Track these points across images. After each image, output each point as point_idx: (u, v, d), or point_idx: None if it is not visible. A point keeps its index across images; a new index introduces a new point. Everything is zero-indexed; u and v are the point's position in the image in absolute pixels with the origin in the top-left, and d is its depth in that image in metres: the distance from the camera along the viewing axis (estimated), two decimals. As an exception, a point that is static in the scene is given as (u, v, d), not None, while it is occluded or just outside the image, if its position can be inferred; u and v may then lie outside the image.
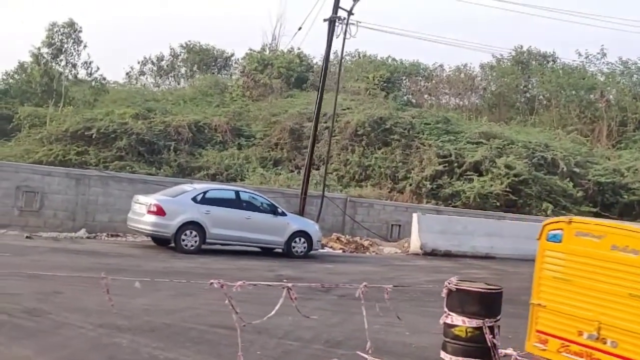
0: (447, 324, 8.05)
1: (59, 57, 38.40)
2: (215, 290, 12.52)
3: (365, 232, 23.94)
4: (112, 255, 15.66)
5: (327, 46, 23.57)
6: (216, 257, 17.14)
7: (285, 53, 47.07)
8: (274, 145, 33.26)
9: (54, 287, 11.26)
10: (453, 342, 7.93)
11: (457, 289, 8.28)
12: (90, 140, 30.71)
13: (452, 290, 8.36)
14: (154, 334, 8.99)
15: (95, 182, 21.07)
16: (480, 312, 7.83)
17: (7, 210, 19.99)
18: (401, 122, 32.68)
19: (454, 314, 8.01)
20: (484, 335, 7.70)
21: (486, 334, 7.72)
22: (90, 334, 8.74)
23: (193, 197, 17.30)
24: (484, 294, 8.06)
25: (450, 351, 7.99)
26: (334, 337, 9.80)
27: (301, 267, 16.72)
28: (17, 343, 7.98)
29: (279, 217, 18.19)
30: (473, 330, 7.80)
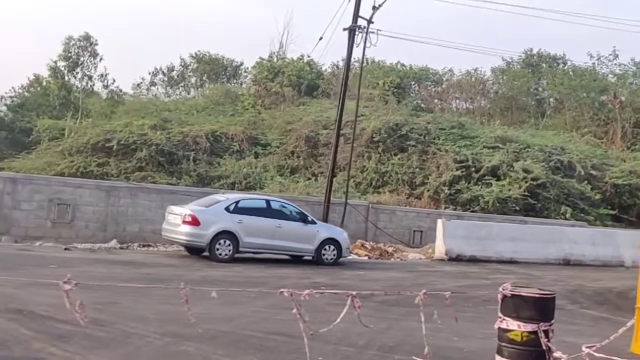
0: (502, 329, 8.34)
1: (76, 70, 38.83)
2: (260, 298, 13.02)
3: (388, 238, 24.25)
4: (152, 266, 16.00)
5: (348, 55, 24.00)
6: (249, 265, 17.47)
7: (295, 61, 47.50)
8: (290, 153, 33.64)
9: (108, 297, 11.59)
10: (509, 346, 8.21)
11: (512, 295, 8.56)
12: (110, 152, 31.15)
13: (507, 295, 8.64)
14: (216, 342, 9.31)
15: (125, 193, 21.45)
16: (535, 316, 8.11)
17: (41, 223, 20.37)
18: (416, 128, 33.06)
19: (508, 319, 8.31)
20: (539, 339, 8.01)
21: (541, 338, 8.03)
22: (157, 342, 9.06)
23: (226, 206, 17.65)
24: (539, 299, 8.34)
25: (506, 355, 8.27)
26: (385, 342, 10.10)
27: (333, 274, 17.03)
28: (93, 353, 8.30)
29: (309, 225, 18.54)
30: (528, 335, 8.09)
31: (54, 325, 9.47)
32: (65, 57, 38.55)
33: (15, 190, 20.19)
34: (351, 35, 23.17)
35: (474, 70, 47.15)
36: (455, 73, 49.99)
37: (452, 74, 49.58)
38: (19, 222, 20.15)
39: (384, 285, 15.74)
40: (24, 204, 20.25)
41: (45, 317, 9.91)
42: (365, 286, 15.33)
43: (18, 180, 20.59)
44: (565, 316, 13.04)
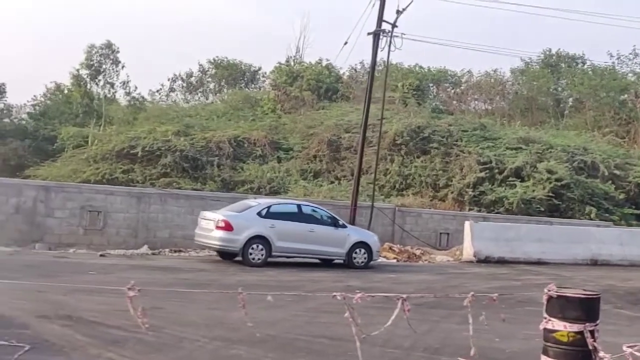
0: (548, 329, 8.44)
1: (98, 78, 39.24)
2: (298, 302, 13.16)
3: (415, 241, 24.35)
4: (187, 271, 16.21)
5: (373, 59, 24.20)
6: (282, 269, 17.64)
7: (313, 65, 47.67)
8: (313, 157, 33.78)
9: (151, 302, 11.76)
10: (555, 347, 8.31)
11: (558, 296, 8.66)
12: (134, 158, 31.46)
13: (552, 296, 8.74)
14: (265, 345, 9.48)
15: (155, 199, 21.70)
16: (581, 317, 8.21)
17: (73, 230, 20.66)
18: (438, 130, 33.14)
19: (554, 320, 8.41)
20: (584, 340, 8.11)
21: (587, 338, 8.14)
22: (208, 346, 9.25)
23: (258, 211, 17.85)
24: (584, 300, 8.45)
25: (552, 355, 8.37)
26: (430, 344, 10.23)
27: (366, 277, 17.18)
28: (148, 357, 8.50)
29: (339, 229, 18.70)
30: (575, 335, 8.20)
31: (105, 331, 9.69)
32: (87, 65, 38.93)
33: (48, 198, 20.50)
34: (375, 40, 23.33)
35: (493, 71, 47.19)
36: (474, 74, 50.09)
37: (471, 75, 49.64)
38: (52, 229, 20.45)
39: (416, 287, 15.86)
40: (57, 211, 20.55)
41: (96, 322, 10.13)
42: (399, 289, 15.42)
43: (51, 188, 20.90)
44: (601, 316, 13.12)
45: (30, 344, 8.53)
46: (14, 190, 20.34)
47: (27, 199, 20.31)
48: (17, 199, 20.22)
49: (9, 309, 10.45)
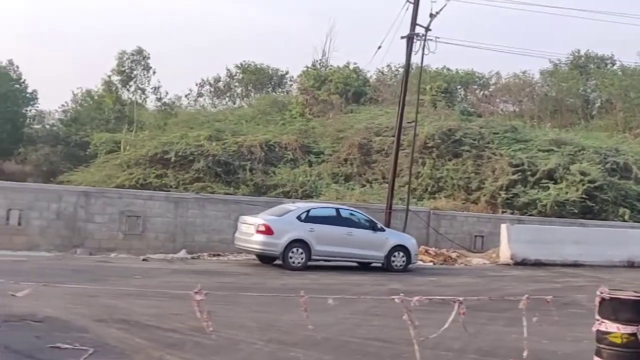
0: (601, 332, 8.48)
1: (129, 84, 39.68)
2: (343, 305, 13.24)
3: (449, 243, 24.35)
4: (230, 275, 16.39)
5: (407, 62, 24.25)
6: (322, 273, 17.74)
7: (341, 68, 47.75)
8: (344, 161, 33.90)
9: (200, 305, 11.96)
10: (608, 349, 8.35)
11: (611, 298, 8.69)
12: (167, 163, 31.77)
13: (605, 298, 8.77)
14: (320, 348, 9.60)
15: (193, 204, 21.93)
16: (634, 318, 8.25)
17: (113, 235, 20.95)
18: (470, 133, 33.09)
19: (607, 321, 8.44)
20: (638, 341, 8.14)
21: (641, 340, 8.19)
22: (265, 349, 9.39)
23: (298, 215, 17.99)
24: (637, 302, 8.48)
25: (605, 357, 8.41)
26: (480, 346, 10.28)
27: (406, 280, 17.25)
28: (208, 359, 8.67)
29: (378, 233, 18.78)
30: (628, 337, 8.24)
31: (162, 334, 9.86)
32: (119, 72, 39.40)
33: (88, 203, 20.81)
34: (409, 43, 23.39)
35: (522, 73, 47.01)
36: (502, 76, 49.92)
37: (500, 77, 49.48)
38: (92, 234, 20.76)
39: (458, 290, 15.87)
40: (97, 216, 20.86)
41: (151, 326, 10.30)
42: (441, 292, 15.51)
43: (91, 193, 21.23)
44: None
45: (92, 347, 8.73)
46: (54, 196, 20.68)
47: (67, 204, 20.64)
48: (57, 204, 20.55)
49: (66, 313, 10.66)
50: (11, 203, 20.14)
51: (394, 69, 54.80)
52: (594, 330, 8.44)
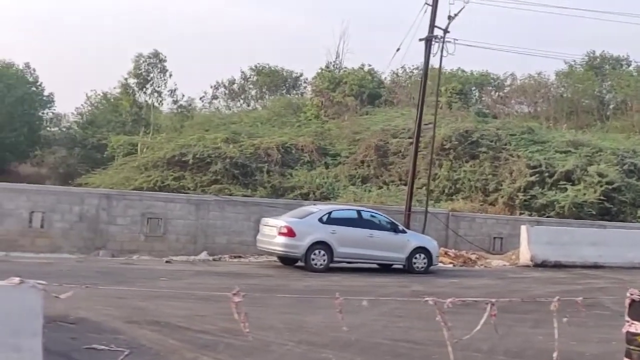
0: (631, 333, 8.52)
1: (146, 87, 39.91)
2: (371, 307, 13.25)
3: (468, 245, 24.36)
4: (253, 276, 16.49)
5: (425, 65, 24.28)
6: (344, 274, 17.82)
7: (355, 70, 47.81)
8: (360, 163, 33.97)
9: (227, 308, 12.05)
10: (639, 350, 8.40)
11: (642, 299, 8.73)
12: (184, 166, 31.96)
13: (635, 300, 8.81)
14: (351, 349, 9.68)
15: (213, 206, 22.07)
16: (664, 320, 8.29)
17: (135, 237, 21.12)
18: (487, 134, 33.11)
19: (637, 323, 8.49)
20: (668, 342, 8.19)
21: (672, 341, 8.22)
22: (296, 350, 9.48)
23: (319, 217, 18.09)
24: (667, 303, 8.52)
25: (636, 358, 8.44)
26: (509, 348, 10.33)
27: (429, 282, 17.29)
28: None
29: (399, 234, 18.84)
30: (658, 338, 8.30)
31: (194, 335, 9.97)
32: (135, 75, 39.64)
33: (110, 205, 20.99)
34: (428, 46, 23.44)
35: (537, 74, 46.96)
36: (517, 77, 49.85)
37: (515, 78, 49.42)
38: (114, 236, 20.94)
39: (480, 292, 15.90)
40: (119, 219, 21.04)
41: (182, 327, 10.42)
42: (464, 293, 15.53)
43: (113, 196, 21.40)
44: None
45: (127, 348, 8.85)
46: (77, 199, 20.87)
47: (89, 207, 20.83)
48: (80, 207, 20.74)
49: (96, 314, 10.80)
50: (34, 205, 20.35)
51: (409, 70, 54.98)
52: (624, 331, 8.48)
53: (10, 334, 6.49)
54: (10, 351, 6.46)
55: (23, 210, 20.19)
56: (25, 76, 45.79)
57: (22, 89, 44.39)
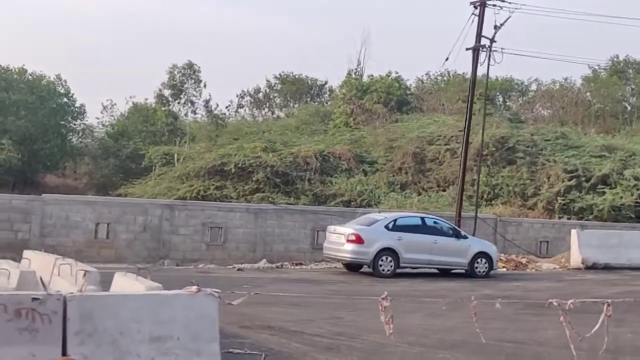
0: None
1: (180, 97, 40.57)
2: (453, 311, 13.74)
3: (516, 249, 24.85)
4: (328, 282, 17.06)
5: (473, 74, 24.87)
6: (410, 280, 18.38)
7: (383, 77, 48.30)
8: (398, 170, 34.45)
9: (325, 312, 12.68)
10: None
11: None
12: (225, 175, 32.52)
13: None
14: (463, 349, 10.24)
15: (271, 215, 22.68)
16: None
17: (196, 246, 21.73)
18: (522, 140, 33.62)
19: None
20: None
21: None
22: (412, 351, 10.03)
23: (386, 225, 18.67)
24: None
25: None
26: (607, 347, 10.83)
27: (495, 286, 17.81)
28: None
29: (461, 240, 19.40)
30: None
31: (311, 339, 10.53)
32: (170, 85, 40.30)
33: (172, 216, 21.61)
34: (475, 55, 24.01)
35: (564, 79, 47.47)
36: (542, 83, 50.35)
37: (540, 83, 49.92)
38: (177, 245, 21.54)
39: (550, 294, 16.18)
40: (181, 228, 21.65)
41: (297, 331, 10.98)
42: (535, 295, 16.03)
43: (175, 206, 22.03)
44: None
45: (259, 352, 9.41)
46: (140, 210, 21.49)
47: (153, 217, 21.44)
48: (144, 217, 21.36)
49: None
50: (99, 217, 20.97)
51: (433, 76, 55.58)
52: None
53: (191, 339, 7.08)
54: (193, 355, 7.05)
55: (89, 221, 20.81)
56: (57, 88, 46.45)
57: (54, 100, 45.09)
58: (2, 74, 43.54)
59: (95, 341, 6.62)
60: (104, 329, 6.69)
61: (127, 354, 6.72)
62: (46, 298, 6.60)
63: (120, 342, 6.73)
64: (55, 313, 6.55)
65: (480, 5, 23.67)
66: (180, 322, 7.03)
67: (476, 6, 23.74)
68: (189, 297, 7.20)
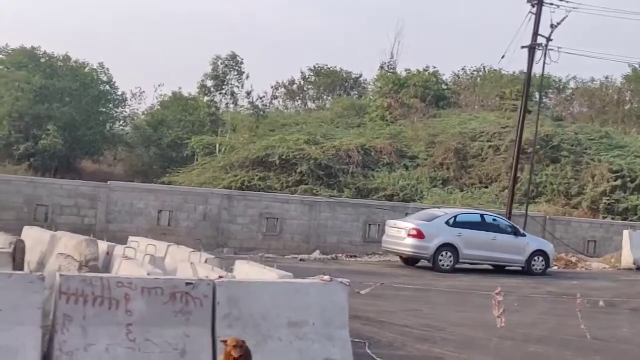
0: None
1: (222, 88, 40.99)
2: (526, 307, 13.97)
3: (564, 248, 25.04)
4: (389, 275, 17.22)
5: (528, 72, 25.11)
6: (470, 275, 18.66)
7: (420, 72, 48.39)
8: (439, 165, 34.68)
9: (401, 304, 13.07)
10: None
11: None
12: (268, 166, 32.92)
13: None
14: (550, 344, 10.58)
15: (325, 207, 23.08)
16: None
17: (253, 235, 22.18)
18: (566, 139, 33.73)
19: None
20: None
21: None
22: (504, 344, 10.33)
23: (446, 220, 19.00)
24: None
25: None
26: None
27: (554, 283, 18.12)
28: (464, 352, 9.63)
29: (519, 238, 19.70)
30: None
31: (403, 329, 10.93)
32: (212, 76, 40.71)
33: (231, 205, 22.07)
34: (531, 53, 24.21)
35: (605, 78, 47.39)
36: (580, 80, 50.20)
37: (578, 81, 49.81)
38: (234, 234, 22.01)
39: (613, 293, 16.63)
40: (239, 218, 22.11)
41: (385, 322, 11.37)
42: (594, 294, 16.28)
43: (233, 196, 22.49)
44: None
45: (359, 339, 9.79)
46: (201, 199, 21.95)
47: (212, 206, 21.90)
48: (204, 206, 21.82)
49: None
50: (162, 204, 21.45)
51: (469, 72, 55.58)
52: None
53: (324, 325, 7.48)
54: (325, 340, 7.45)
55: (152, 209, 21.29)
56: (99, 76, 47.01)
57: (97, 88, 45.66)
58: (47, 61, 44.16)
59: (241, 324, 7.03)
60: (249, 313, 7.10)
61: (269, 337, 7.13)
62: (198, 283, 7.03)
63: (262, 326, 7.14)
64: (206, 297, 6.97)
65: (538, 4, 23.83)
66: (314, 308, 7.42)
67: (533, 4, 23.90)
68: (323, 285, 7.59)
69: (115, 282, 6.76)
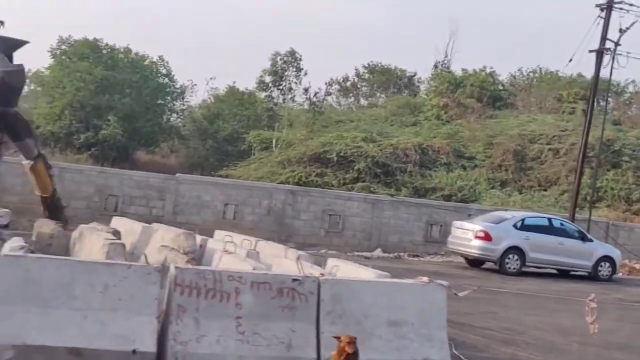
0: None
1: (281, 84, 41.37)
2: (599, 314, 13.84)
3: (627, 254, 24.68)
4: (458, 277, 17.25)
5: (595, 75, 24.85)
6: (536, 279, 18.61)
7: (477, 72, 48.05)
8: (498, 167, 34.46)
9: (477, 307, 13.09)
10: None
11: None
12: (326, 162, 33.10)
13: None
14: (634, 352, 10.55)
15: (387, 206, 23.19)
16: None
17: (315, 231, 22.40)
18: (628, 144, 33.21)
19: None
20: None
21: None
22: (587, 350, 10.35)
23: (514, 224, 18.97)
24: None
25: None
26: None
27: (621, 290, 17.98)
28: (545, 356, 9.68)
29: (587, 243, 19.56)
30: None
31: (484, 332, 11.00)
32: (271, 72, 41.12)
33: (295, 201, 22.33)
34: (599, 57, 23.95)
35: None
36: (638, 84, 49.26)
37: (637, 85, 48.89)
38: (298, 230, 22.27)
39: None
40: (303, 214, 22.36)
41: (465, 324, 11.42)
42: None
43: (297, 192, 22.76)
44: None
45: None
46: (265, 194, 22.26)
47: (277, 201, 22.19)
48: (268, 201, 22.12)
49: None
50: (227, 198, 21.81)
51: (525, 73, 54.99)
52: None
53: (423, 325, 7.61)
54: (424, 340, 7.58)
55: (218, 202, 21.66)
56: (159, 69, 47.75)
57: (156, 80, 46.40)
58: (108, 53, 45.03)
59: (344, 321, 7.21)
60: (351, 311, 7.27)
61: (371, 335, 7.29)
62: (304, 279, 7.23)
63: (364, 324, 7.30)
64: (312, 294, 7.17)
65: (607, 8, 23.55)
66: (413, 309, 7.56)
67: (602, 9, 23.64)
68: (422, 287, 7.73)
69: (226, 275, 6.98)
